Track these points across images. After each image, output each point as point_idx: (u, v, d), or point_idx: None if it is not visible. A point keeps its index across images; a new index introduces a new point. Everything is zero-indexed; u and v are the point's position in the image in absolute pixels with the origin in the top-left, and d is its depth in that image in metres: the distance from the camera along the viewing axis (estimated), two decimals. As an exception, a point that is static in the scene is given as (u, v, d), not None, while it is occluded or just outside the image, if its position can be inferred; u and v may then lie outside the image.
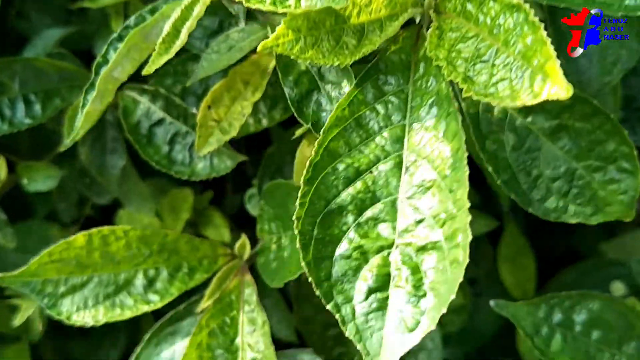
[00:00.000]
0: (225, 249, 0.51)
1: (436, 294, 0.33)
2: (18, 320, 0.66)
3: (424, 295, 0.33)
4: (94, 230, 0.48)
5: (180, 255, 0.50)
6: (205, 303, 0.50)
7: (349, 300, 0.35)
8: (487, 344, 0.75)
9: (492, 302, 0.49)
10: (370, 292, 0.35)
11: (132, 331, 0.83)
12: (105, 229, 0.48)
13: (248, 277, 0.50)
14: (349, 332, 0.34)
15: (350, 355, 0.57)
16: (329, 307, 0.35)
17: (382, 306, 0.34)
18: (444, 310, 0.32)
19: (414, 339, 0.33)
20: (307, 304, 0.57)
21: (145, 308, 0.48)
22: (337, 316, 0.35)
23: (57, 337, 0.85)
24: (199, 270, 0.50)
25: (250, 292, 0.49)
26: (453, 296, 0.32)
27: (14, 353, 0.76)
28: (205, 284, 0.51)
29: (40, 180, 0.59)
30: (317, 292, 0.35)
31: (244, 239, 0.51)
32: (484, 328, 0.73)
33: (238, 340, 0.47)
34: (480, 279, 0.72)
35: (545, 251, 0.76)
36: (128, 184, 0.59)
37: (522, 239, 0.72)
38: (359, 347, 0.34)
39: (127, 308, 0.48)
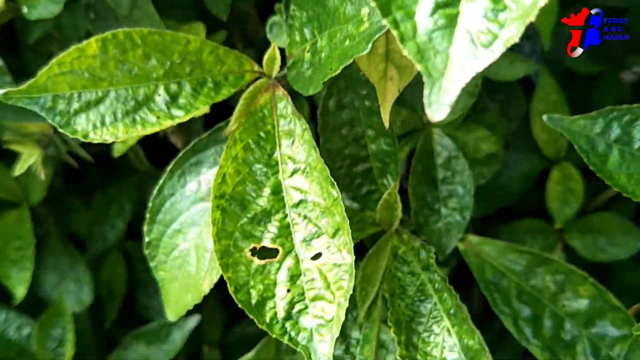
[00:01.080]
0: (252, 64, 0.46)
1: (520, 6, 0.28)
2: (18, 169, 0.62)
3: (504, 8, 0.28)
4: (107, 34, 0.42)
5: (203, 68, 0.45)
6: (234, 124, 0.46)
7: (410, 16, 0.30)
8: (515, 203, 0.72)
9: (545, 117, 0.45)
10: (438, 7, 0.30)
11: (138, 201, 0.80)
12: (120, 32, 0.43)
13: (280, 91, 0.45)
14: (408, 50, 0.29)
15: (379, 193, 0.54)
16: (385, 21, 0.30)
17: (451, 23, 0.29)
18: (531, 19, 0.28)
19: (490, 55, 0.28)
20: (334, 136, 0.53)
21: (169, 123, 0.43)
22: (395, 33, 0.29)
23: (58, 209, 0.81)
24: (225, 86, 0.45)
25: (284, 105, 0.44)
26: (543, 2, 0.27)
27: (15, 218, 0.73)
28: (230, 108, 0.47)
29: (42, 5, 0.53)
30: (373, 3, 0.30)
31: (273, 49, 0.46)
32: (513, 186, 0.70)
33: (276, 155, 0.43)
34: (511, 133, 0.69)
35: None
36: (138, 10, 0.53)
37: (557, 93, 0.68)
38: (419, 67, 0.29)
39: (149, 125, 0.43)
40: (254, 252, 0.42)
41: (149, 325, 0.77)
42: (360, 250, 0.59)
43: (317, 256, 0.41)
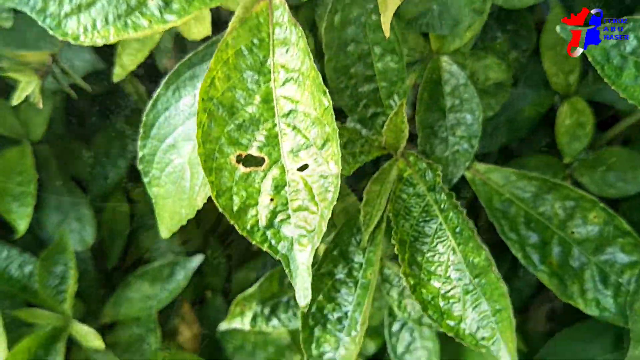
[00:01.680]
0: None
1: None
2: (16, 99, 0.61)
3: None
4: None
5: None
6: (230, 34, 0.44)
7: None
8: (523, 138, 0.70)
9: (558, 27, 0.43)
10: None
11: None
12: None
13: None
14: None
15: (385, 115, 0.52)
16: None
17: None
18: None
19: None
20: (340, 54, 0.51)
21: (161, 27, 0.41)
22: None
23: (60, 150, 0.81)
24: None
25: (280, 13, 0.42)
26: None
27: (16, 154, 0.72)
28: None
29: None
30: None
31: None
32: (521, 120, 0.68)
33: (269, 63, 0.41)
34: (520, 66, 0.66)
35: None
36: None
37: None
38: None
39: (141, 29, 0.41)
40: (239, 159, 0.40)
41: (152, 264, 0.77)
42: (364, 174, 0.58)
43: (303, 167, 0.40)
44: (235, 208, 0.40)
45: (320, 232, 0.38)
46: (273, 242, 0.40)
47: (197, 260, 0.76)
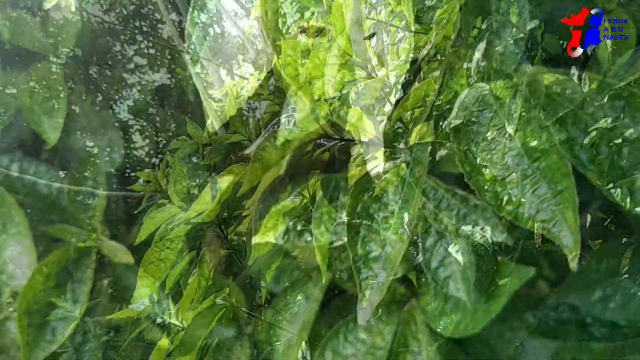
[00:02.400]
0: None
1: None
2: (48, 1, 0.59)
3: None
4: None
5: None
6: None
7: None
8: (561, 54, 0.69)
9: None
10: None
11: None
12: None
13: None
14: None
15: (435, 8, 0.51)
16: None
17: None
18: None
19: None
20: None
21: None
22: None
23: (85, 69, 0.79)
24: None
25: None
26: None
27: (44, 70, 0.71)
28: None
29: None
30: None
31: None
32: (562, 32, 0.67)
33: None
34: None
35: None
36: None
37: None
38: None
39: None
40: (303, 29, 0.39)
41: (181, 185, 0.76)
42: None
43: (370, 36, 0.39)
44: (301, 80, 0.39)
45: (392, 98, 0.37)
46: (342, 112, 0.39)
47: (226, 181, 0.75)
